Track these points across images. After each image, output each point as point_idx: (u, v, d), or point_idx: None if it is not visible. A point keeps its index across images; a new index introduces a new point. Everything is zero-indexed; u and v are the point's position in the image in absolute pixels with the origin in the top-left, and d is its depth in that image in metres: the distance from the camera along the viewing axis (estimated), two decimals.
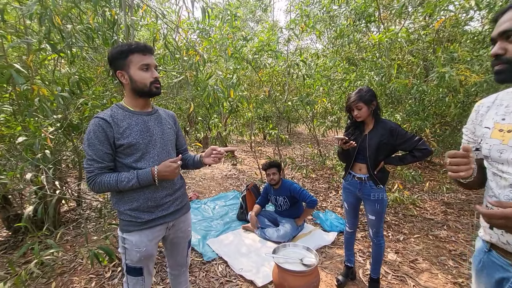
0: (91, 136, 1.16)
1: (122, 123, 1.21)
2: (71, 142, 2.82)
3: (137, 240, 1.26)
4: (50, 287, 2.13)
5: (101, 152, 1.17)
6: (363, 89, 1.82)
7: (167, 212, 1.34)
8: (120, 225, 1.29)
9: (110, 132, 1.18)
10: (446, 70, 2.48)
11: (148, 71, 1.22)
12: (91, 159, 1.17)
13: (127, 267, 1.30)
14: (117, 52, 1.19)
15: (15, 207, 2.88)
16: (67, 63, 2.96)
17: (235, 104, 3.93)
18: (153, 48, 1.26)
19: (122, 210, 1.26)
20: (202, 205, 3.80)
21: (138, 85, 1.21)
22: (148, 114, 1.30)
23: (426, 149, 1.73)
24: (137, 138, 1.22)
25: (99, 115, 1.19)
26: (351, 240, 2.15)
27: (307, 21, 3.85)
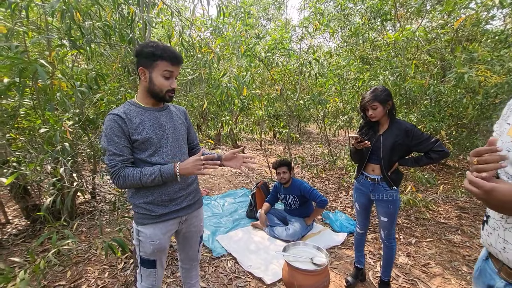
0: (108, 132, 1.19)
1: (135, 119, 1.24)
2: (87, 137, 2.91)
3: (151, 233, 1.29)
4: (65, 276, 2.21)
5: (121, 146, 1.20)
6: (378, 88, 1.79)
7: (180, 207, 1.36)
8: (135, 218, 1.32)
9: (125, 127, 1.21)
10: (465, 71, 2.41)
11: (169, 79, 1.25)
12: (112, 154, 1.19)
13: (141, 259, 1.34)
14: (148, 52, 1.20)
15: (34, 197, 2.99)
16: (85, 59, 3.04)
17: (247, 102, 3.94)
18: (183, 59, 1.29)
19: (137, 203, 1.29)
20: (212, 202, 3.83)
21: (154, 89, 1.24)
22: (159, 110, 1.33)
23: (442, 151, 1.68)
24: (150, 133, 1.25)
25: (113, 112, 1.22)
26: (362, 242, 2.12)
27: (321, 19, 3.81)
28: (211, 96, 3.87)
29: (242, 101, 3.79)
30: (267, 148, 8.04)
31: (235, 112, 6.03)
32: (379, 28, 4.16)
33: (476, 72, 2.57)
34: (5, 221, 3.09)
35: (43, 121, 2.35)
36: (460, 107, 3.52)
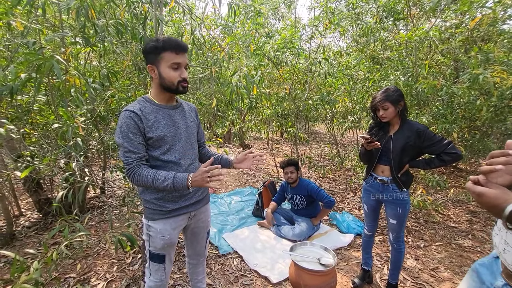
0: (124, 128, 1.18)
1: (150, 116, 1.24)
2: (98, 133, 2.96)
3: (161, 228, 1.31)
4: (75, 268, 2.26)
5: (136, 143, 1.19)
6: (390, 88, 1.76)
7: (190, 202, 1.38)
8: (146, 213, 1.34)
9: (141, 124, 1.20)
10: (481, 72, 2.35)
11: (178, 70, 1.23)
12: (127, 151, 1.19)
13: (150, 253, 1.35)
14: (151, 47, 1.21)
15: (46, 191, 3.06)
16: (97, 57, 3.09)
17: (255, 101, 3.94)
18: (187, 46, 1.27)
19: (148, 198, 1.30)
20: (219, 200, 3.85)
21: (165, 82, 1.24)
22: (173, 107, 1.34)
23: (455, 153, 1.64)
24: (164, 131, 1.26)
25: (129, 108, 1.21)
26: (369, 244, 2.10)
27: (332, 18, 3.77)
28: (220, 95, 3.88)
29: (251, 100, 3.79)
30: (275, 147, 8.03)
31: (243, 111, 6.04)
32: (390, 28, 4.09)
33: (492, 73, 2.51)
34: (19, 213, 3.18)
35: (56, 117, 2.41)
36: (473, 109, 3.44)
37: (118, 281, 2.12)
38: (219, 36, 3.69)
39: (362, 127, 5.07)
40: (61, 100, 2.40)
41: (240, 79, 2.19)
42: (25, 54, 1.59)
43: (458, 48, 3.50)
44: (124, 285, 2.06)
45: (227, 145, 7.93)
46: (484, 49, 2.88)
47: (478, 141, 3.91)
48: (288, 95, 4.06)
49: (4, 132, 1.86)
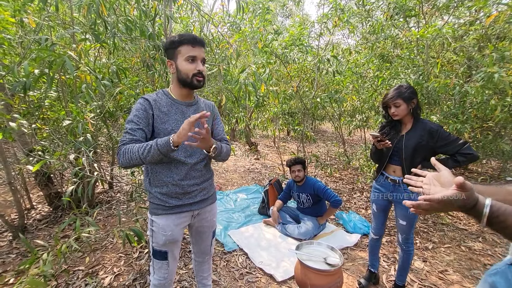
0: (133, 111, 1.23)
1: (163, 108, 1.26)
2: (107, 129, 3.00)
3: (163, 224, 1.31)
4: (84, 261, 2.31)
5: (136, 127, 1.21)
6: (403, 85, 1.70)
7: (194, 201, 1.37)
8: (150, 208, 1.35)
9: (150, 111, 1.24)
10: (496, 70, 2.28)
11: (193, 63, 1.25)
12: (125, 132, 1.22)
13: (153, 250, 1.36)
14: (169, 42, 1.24)
15: (56, 185, 3.13)
16: (106, 54, 3.13)
17: (262, 99, 3.92)
18: (204, 41, 1.28)
19: (153, 192, 1.32)
20: (225, 197, 3.87)
21: (182, 76, 1.25)
22: (188, 105, 1.34)
23: (471, 154, 1.58)
24: (172, 126, 1.26)
25: (144, 96, 1.26)
26: (376, 247, 2.06)
27: (341, 15, 3.71)
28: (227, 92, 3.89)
29: (258, 98, 3.78)
30: (281, 145, 8.01)
31: (250, 109, 6.04)
32: (401, 25, 4.01)
33: (507, 71, 2.43)
34: (30, 206, 3.26)
35: (66, 113, 2.45)
36: (486, 109, 3.34)
37: (125, 275, 2.16)
38: (227, 33, 3.68)
39: (370, 126, 5.00)
40: (71, 96, 2.44)
41: (248, 77, 2.18)
42: (37, 51, 1.62)
43: (472, 46, 3.41)
44: (131, 279, 2.10)
45: (233, 142, 7.94)
46: (500, 47, 2.79)
47: (491, 142, 3.80)
48: (295, 93, 4.03)
49: (16, 127, 1.90)
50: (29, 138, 2.75)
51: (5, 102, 2.24)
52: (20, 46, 2.51)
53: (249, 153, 6.53)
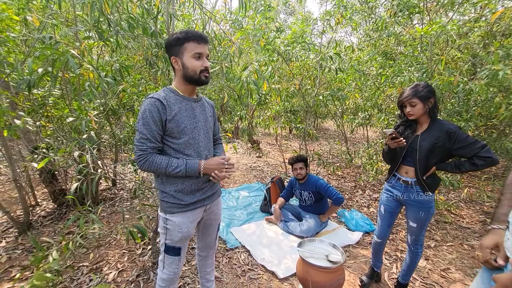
0: (147, 115, 1.19)
1: (174, 106, 1.26)
2: (110, 127, 3.02)
3: (179, 221, 1.33)
4: (88, 257, 2.34)
5: (155, 132, 1.21)
6: (420, 84, 1.64)
7: (206, 195, 1.40)
8: (163, 207, 1.35)
9: (164, 113, 1.22)
10: (501, 68, 2.26)
11: (200, 59, 1.26)
12: (145, 138, 1.20)
13: (166, 246, 1.37)
14: (174, 39, 1.24)
15: (60, 182, 3.16)
16: (109, 52, 3.14)
17: (264, 96, 3.92)
18: (208, 38, 1.29)
19: (167, 191, 1.31)
20: (227, 194, 3.88)
21: (189, 72, 1.26)
22: (195, 101, 1.36)
23: (490, 158, 1.49)
24: (185, 123, 1.27)
25: (154, 96, 1.22)
26: (380, 250, 2.03)
27: (344, 12, 3.69)
28: (230, 90, 3.89)
29: (260, 96, 3.77)
30: (283, 143, 8.00)
31: (252, 106, 6.04)
32: (405, 22, 3.97)
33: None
34: (35, 203, 3.30)
35: (70, 110, 2.47)
36: (491, 107, 3.32)
37: (129, 271, 2.18)
38: (229, 31, 3.68)
39: (373, 125, 4.98)
40: (75, 94, 2.46)
41: (251, 74, 2.18)
42: (41, 49, 1.63)
43: (476, 43, 3.37)
44: (134, 275, 2.12)
45: (236, 140, 7.95)
46: (505, 44, 2.76)
47: (495, 141, 3.77)
48: (297, 90, 4.02)
49: (21, 124, 1.92)
50: (34, 135, 2.78)
51: (10, 100, 2.26)
52: (24, 44, 2.53)
53: (251, 151, 6.54)
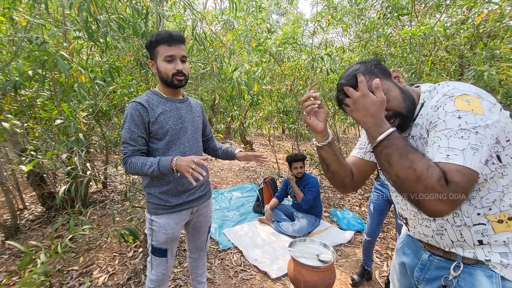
0: (128, 119, 1.22)
1: (157, 108, 1.26)
2: (100, 128, 2.98)
3: (164, 223, 1.32)
4: (78, 261, 2.30)
5: (135, 135, 1.22)
6: (414, 83, 1.71)
7: (193, 198, 1.39)
8: (149, 208, 1.35)
9: (146, 116, 1.23)
10: (486, 69, 2.32)
11: (172, 62, 1.23)
12: (126, 142, 1.23)
13: (152, 247, 1.37)
14: (148, 42, 1.24)
15: (49, 185, 3.10)
16: (99, 52, 3.10)
17: (256, 97, 3.92)
18: (182, 36, 1.26)
19: (152, 192, 1.32)
20: (219, 195, 3.88)
21: (162, 76, 1.26)
22: (180, 101, 1.35)
23: None
24: (170, 124, 1.27)
25: (136, 100, 1.24)
26: (370, 248, 2.07)
27: (335, 14, 3.73)
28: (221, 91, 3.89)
29: (252, 96, 3.78)
30: (276, 143, 8.02)
31: (245, 107, 6.04)
32: (394, 23, 4.04)
33: (497, 70, 2.47)
34: (23, 207, 3.23)
35: (59, 112, 2.43)
36: None
37: (120, 274, 2.16)
38: (221, 32, 3.67)
39: None
40: (64, 95, 2.42)
41: (241, 75, 2.19)
42: (29, 50, 1.60)
43: (463, 45, 3.45)
44: (125, 278, 2.10)
45: (229, 141, 7.94)
46: (490, 46, 2.83)
47: None
48: (289, 91, 4.04)
49: (8, 126, 1.88)
50: (21, 137, 2.72)
51: None
52: (12, 44, 2.47)
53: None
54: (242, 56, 4.80)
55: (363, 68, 0.80)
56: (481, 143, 0.66)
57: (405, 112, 0.79)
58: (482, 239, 0.74)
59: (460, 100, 0.71)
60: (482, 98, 0.71)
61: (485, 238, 0.73)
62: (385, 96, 0.74)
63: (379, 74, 0.80)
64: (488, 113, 0.69)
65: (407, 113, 0.80)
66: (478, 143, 0.66)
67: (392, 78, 0.84)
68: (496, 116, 0.69)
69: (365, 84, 0.74)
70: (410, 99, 0.81)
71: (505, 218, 0.72)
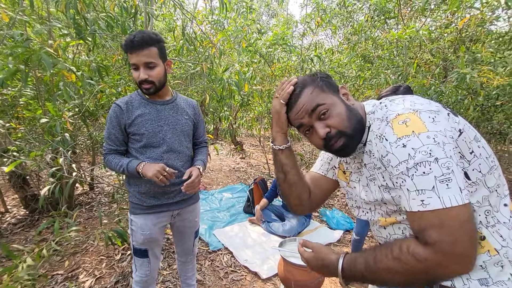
0: (108, 120, 1.29)
1: (136, 110, 1.26)
2: (87, 128, 2.91)
3: (142, 223, 1.32)
4: (63, 265, 2.23)
5: (113, 136, 1.28)
6: (402, 85, 1.75)
7: (173, 201, 1.37)
8: (130, 207, 1.37)
9: (122, 119, 1.25)
10: (468, 71, 2.40)
11: (136, 71, 1.19)
12: (105, 141, 1.31)
13: (133, 248, 1.37)
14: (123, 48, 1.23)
15: (32, 187, 3.00)
16: (86, 51, 3.03)
17: (247, 98, 3.93)
18: (144, 40, 1.15)
19: (131, 191, 1.33)
20: (210, 196, 3.85)
21: (136, 81, 1.24)
22: (163, 103, 1.33)
23: None
24: (146, 127, 1.26)
25: (117, 101, 1.28)
26: (359, 247, 2.10)
27: (324, 16, 3.78)
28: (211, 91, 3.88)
29: (242, 97, 3.78)
30: (266, 144, 8.04)
31: (235, 108, 6.03)
32: (381, 26, 4.14)
33: (479, 73, 2.56)
34: (4, 210, 3.11)
35: (44, 112, 2.36)
36: (461, 108, 3.52)
37: (107, 278, 2.11)
38: (211, 32, 3.66)
39: None
40: (49, 95, 2.35)
41: (232, 76, 2.19)
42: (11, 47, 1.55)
43: (447, 48, 3.57)
44: (113, 281, 2.05)
45: (219, 141, 7.90)
46: (472, 49, 2.94)
47: None
48: None
49: None
50: (3, 138, 2.62)
51: None
52: None
53: (234, 152, 6.52)
54: (232, 57, 4.79)
55: (309, 80, 0.77)
56: (448, 168, 0.56)
57: (350, 131, 0.71)
58: None
59: (396, 124, 0.63)
60: (420, 111, 0.62)
61: None
62: (329, 112, 0.72)
63: (324, 88, 0.75)
64: (432, 125, 0.60)
65: (352, 132, 0.72)
66: (445, 171, 0.56)
67: (340, 94, 0.78)
68: (443, 124, 0.61)
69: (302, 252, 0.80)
70: (356, 118, 0.73)
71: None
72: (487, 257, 0.61)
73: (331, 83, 0.78)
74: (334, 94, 0.76)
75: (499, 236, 0.62)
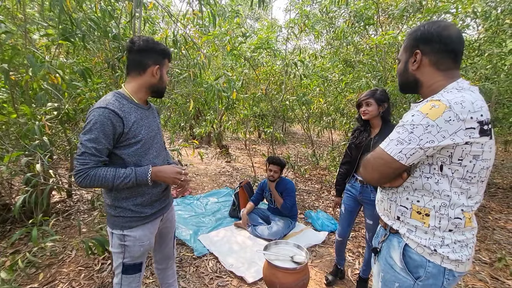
0: (97, 127, 1.07)
1: (131, 116, 1.17)
2: (65, 133, 2.79)
3: (140, 235, 1.27)
4: (37, 278, 2.11)
5: (103, 147, 1.10)
6: (379, 89, 1.83)
7: (163, 205, 1.39)
8: (118, 223, 1.23)
9: (119, 127, 1.12)
10: None
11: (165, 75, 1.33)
12: (89, 152, 1.08)
13: (124, 266, 1.27)
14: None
15: (4, 196, 2.83)
16: (64, 53, 2.92)
17: (232, 101, 3.93)
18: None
19: (125, 206, 1.22)
20: (195, 201, 3.79)
21: (162, 86, 1.30)
22: (147, 108, 1.32)
23: None
24: (142, 133, 1.22)
25: (108, 107, 1.10)
26: (342, 248, 2.15)
27: (307, 21, 3.87)
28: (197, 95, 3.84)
29: (228, 101, 3.78)
30: (252, 147, 8.05)
31: (220, 111, 6.00)
32: (362, 32, 4.28)
33: None
34: None
35: (18, 116, 2.24)
36: None
37: None
38: (195, 35, 3.64)
39: (336, 128, 5.24)
40: (23, 98, 2.24)
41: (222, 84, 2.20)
42: None
43: None
44: None
45: (208, 147, 7.77)
46: None
47: None
48: (264, 95, 4.10)
49: None
50: None
51: None
52: None
53: (220, 156, 6.48)
54: (217, 61, 4.79)
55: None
56: (409, 140, 0.81)
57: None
58: (400, 217, 0.95)
59: (430, 103, 0.81)
60: (451, 109, 0.77)
61: (402, 217, 0.94)
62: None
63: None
64: (440, 121, 0.76)
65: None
66: (406, 139, 0.82)
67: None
68: (451, 127, 0.76)
69: None
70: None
71: (423, 212, 0.89)
72: (420, 224, 0.90)
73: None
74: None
75: (438, 222, 0.87)
